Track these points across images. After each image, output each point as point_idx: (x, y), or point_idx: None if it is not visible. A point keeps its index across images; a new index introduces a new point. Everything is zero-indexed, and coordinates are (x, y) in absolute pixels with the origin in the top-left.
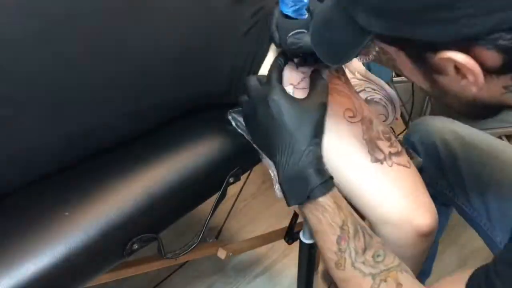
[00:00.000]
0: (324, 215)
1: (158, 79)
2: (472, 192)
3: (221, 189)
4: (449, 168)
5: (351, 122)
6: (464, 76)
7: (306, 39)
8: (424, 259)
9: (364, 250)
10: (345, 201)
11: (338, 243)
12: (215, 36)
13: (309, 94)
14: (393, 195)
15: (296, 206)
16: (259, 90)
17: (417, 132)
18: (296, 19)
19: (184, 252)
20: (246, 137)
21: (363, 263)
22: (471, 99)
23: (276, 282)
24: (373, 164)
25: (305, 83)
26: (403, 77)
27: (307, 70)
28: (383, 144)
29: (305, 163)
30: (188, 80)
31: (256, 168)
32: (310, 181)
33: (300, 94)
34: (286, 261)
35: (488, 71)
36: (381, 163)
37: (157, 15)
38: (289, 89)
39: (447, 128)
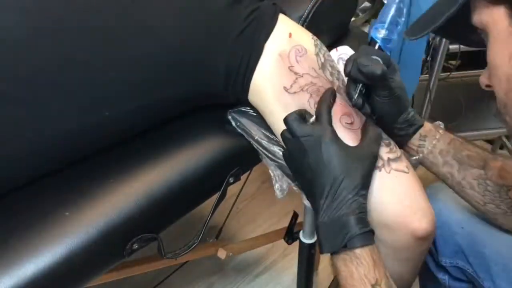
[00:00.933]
0: (358, 269)
1: (155, 78)
2: (498, 278)
3: (221, 189)
4: (469, 252)
5: (349, 129)
6: None
7: (377, 64)
8: (421, 262)
9: None
10: (383, 261)
11: None
12: (211, 36)
13: (361, 141)
14: (390, 200)
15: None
16: (307, 129)
17: None
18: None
19: (184, 252)
20: (246, 137)
21: None
22: None
23: (276, 282)
24: None
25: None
26: None
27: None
28: (382, 150)
29: (348, 210)
30: (184, 79)
31: (256, 168)
32: (349, 229)
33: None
34: (286, 261)
35: None
36: (379, 170)
37: (155, 14)
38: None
39: (460, 204)
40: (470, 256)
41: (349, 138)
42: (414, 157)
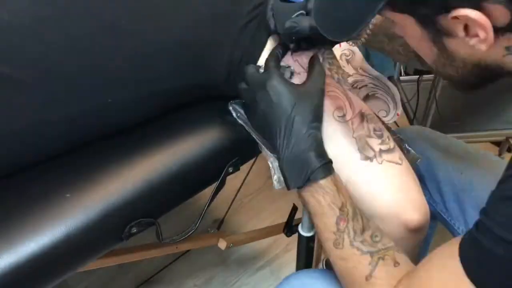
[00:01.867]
0: (325, 197)
1: (158, 67)
2: (449, 199)
3: (220, 178)
4: (426, 176)
5: (341, 122)
6: (473, 35)
7: (304, 22)
8: (415, 255)
9: (363, 231)
10: (343, 185)
11: (337, 223)
12: (215, 28)
13: (307, 79)
14: (382, 191)
15: (296, 191)
16: (257, 77)
17: None
18: (293, 1)
19: (182, 238)
20: (246, 128)
21: (362, 242)
22: (477, 61)
23: (277, 276)
24: (363, 161)
25: (297, 69)
26: (409, 76)
27: (300, 56)
28: (374, 142)
29: (306, 146)
30: (187, 69)
31: (262, 163)
32: (310, 164)
33: (295, 81)
34: (288, 256)
35: (495, 29)
36: (371, 160)
37: (157, 2)
38: (287, 73)
39: (422, 136)
40: (427, 180)
41: (341, 130)
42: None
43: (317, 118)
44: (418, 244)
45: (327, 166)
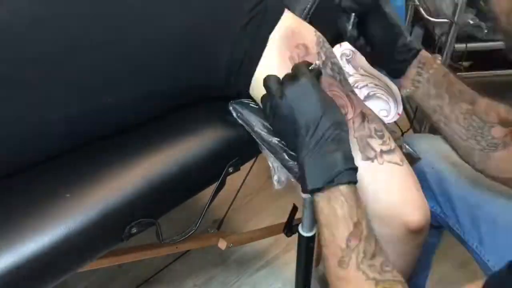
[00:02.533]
0: (343, 207)
1: (158, 67)
2: (462, 215)
3: (220, 178)
4: (437, 190)
5: None
6: None
7: None
8: (415, 259)
9: (373, 256)
10: (363, 202)
11: (348, 240)
12: (215, 28)
13: None
14: (383, 192)
15: (304, 196)
16: (289, 75)
17: None
18: None
19: (182, 238)
20: (246, 128)
21: (369, 267)
22: None
23: (277, 276)
24: (364, 162)
25: None
26: None
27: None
28: (375, 142)
29: (334, 147)
30: (187, 69)
31: (262, 163)
32: (336, 165)
33: None
34: (288, 256)
35: None
36: (372, 161)
37: (157, 2)
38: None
39: (433, 148)
40: (438, 195)
41: None
42: (407, 90)
43: (344, 123)
44: (418, 247)
45: (353, 172)
